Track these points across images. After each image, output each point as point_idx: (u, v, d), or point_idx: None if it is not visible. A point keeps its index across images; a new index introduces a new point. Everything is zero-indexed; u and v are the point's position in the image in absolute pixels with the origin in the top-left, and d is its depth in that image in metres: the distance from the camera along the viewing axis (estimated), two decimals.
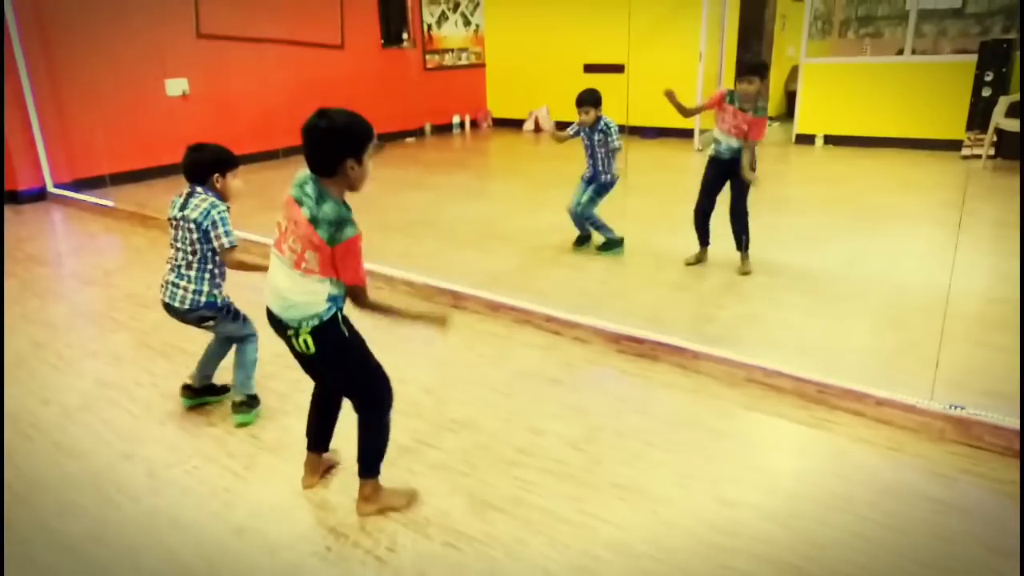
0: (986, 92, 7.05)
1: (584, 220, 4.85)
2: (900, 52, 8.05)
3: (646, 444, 2.63)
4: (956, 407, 2.59)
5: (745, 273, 4.32)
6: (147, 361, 3.40)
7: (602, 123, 4.70)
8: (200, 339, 2.97)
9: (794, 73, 10.69)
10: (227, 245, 2.67)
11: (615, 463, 2.52)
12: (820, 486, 2.37)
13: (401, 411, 2.89)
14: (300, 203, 1.97)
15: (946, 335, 3.39)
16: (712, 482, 2.41)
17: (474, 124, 10.95)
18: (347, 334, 2.14)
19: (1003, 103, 6.73)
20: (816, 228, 5.31)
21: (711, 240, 4.53)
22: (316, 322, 2.07)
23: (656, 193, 5.25)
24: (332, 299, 2.08)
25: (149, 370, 3.30)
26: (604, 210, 4.82)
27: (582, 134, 4.81)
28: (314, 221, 1.93)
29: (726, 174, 4.31)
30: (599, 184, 4.77)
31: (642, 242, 5.06)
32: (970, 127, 7.21)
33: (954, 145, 7.46)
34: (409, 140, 10.01)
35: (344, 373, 2.22)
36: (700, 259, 4.59)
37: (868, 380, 2.90)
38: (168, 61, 7.58)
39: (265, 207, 3.25)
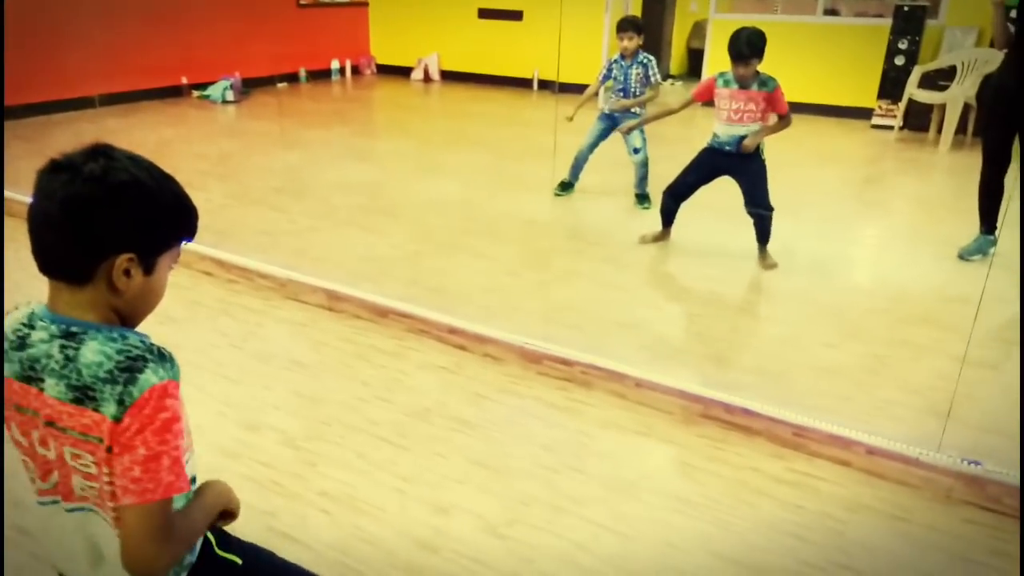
0: (899, 60, 6.77)
1: (644, 165, 4.46)
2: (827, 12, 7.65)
3: (589, 523, 1.96)
4: (971, 462, 2.07)
5: (772, 266, 3.63)
6: None
7: (642, 55, 4.32)
8: None
9: (696, 29, 10.23)
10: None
11: (547, 558, 1.84)
12: None
13: (250, 477, 2.09)
14: (31, 380, 0.93)
15: (914, 347, 2.93)
16: None
17: (355, 70, 9.80)
18: (240, 562, 1.14)
19: (916, 72, 6.45)
20: (738, 207, 4.78)
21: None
22: None
23: (567, 161, 4.58)
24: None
25: None
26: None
27: (615, 69, 4.38)
28: (80, 396, 0.90)
29: (725, 168, 3.58)
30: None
31: (555, 219, 4.37)
32: (881, 95, 6.94)
33: (864, 113, 7.18)
34: (281, 85, 8.78)
35: None
36: (662, 238, 3.90)
37: (842, 411, 2.37)
38: None
39: None
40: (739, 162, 3.52)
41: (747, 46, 3.31)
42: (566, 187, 4.68)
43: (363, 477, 2.11)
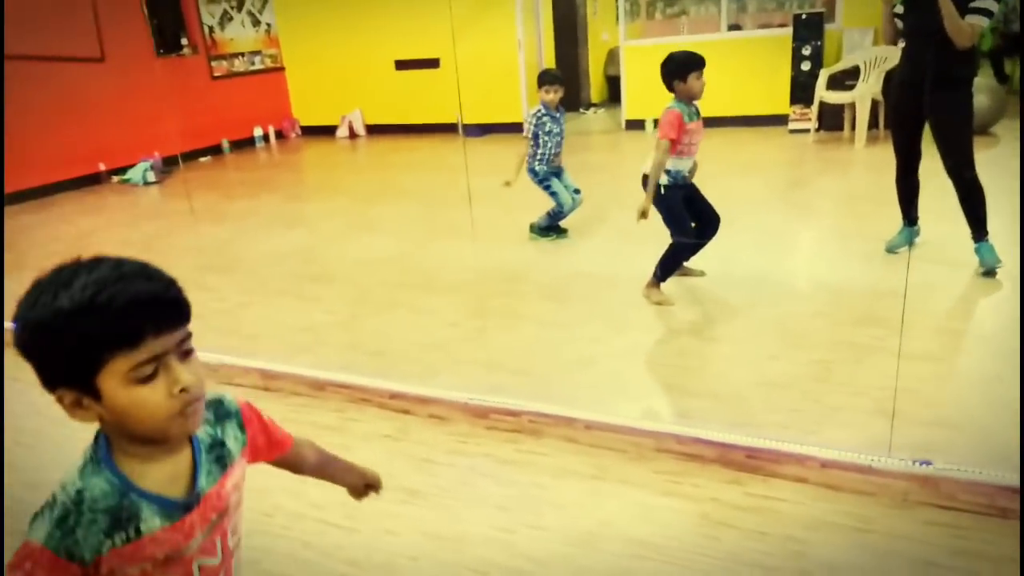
0: (805, 66, 7.01)
1: (579, 204, 4.59)
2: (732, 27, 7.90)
3: None
4: (922, 463, 2.07)
5: (700, 274, 3.76)
6: None
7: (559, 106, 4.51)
8: None
9: (611, 57, 10.46)
10: None
11: None
12: None
13: None
14: None
15: (856, 348, 2.95)
16: None
17: (280, 135, 9.72)
18: None
19: (823, 76, 6.68)
20: (649, 233, 4.83)
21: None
22: None
23: (499, 202, 4.58)
24: None
25: None
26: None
27: (549, 122, 4.42)
28: None
29: (690, 195, 3.64)
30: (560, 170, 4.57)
31: (490, 263, 4.33)
32: (794, 101, 7.16)
33: (780, 120, 7.39)
34: (204, 159, 8.64)
35: None
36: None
37: (793, 425, 2.36)
38: None
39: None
40: (695, 187, 3.62)
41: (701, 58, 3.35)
42: (558, 232, 4.68)
43: (310, 568, 2.00)
